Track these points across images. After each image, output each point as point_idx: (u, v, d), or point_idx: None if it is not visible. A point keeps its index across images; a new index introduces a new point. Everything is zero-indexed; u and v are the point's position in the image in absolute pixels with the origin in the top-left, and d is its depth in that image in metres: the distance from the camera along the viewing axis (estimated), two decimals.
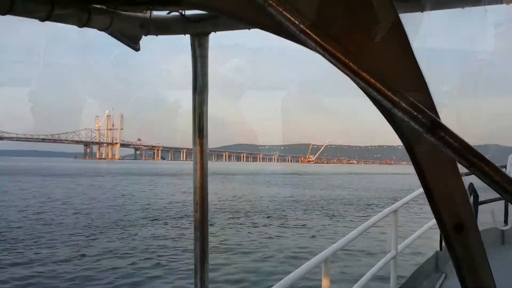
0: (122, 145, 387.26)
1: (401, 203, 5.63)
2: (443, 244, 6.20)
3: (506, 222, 7.45)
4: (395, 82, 1.18)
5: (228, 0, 1.38)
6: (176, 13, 2.25)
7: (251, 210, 32.65)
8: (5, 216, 27.23)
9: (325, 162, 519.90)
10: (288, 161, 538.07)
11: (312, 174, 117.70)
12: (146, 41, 2.40)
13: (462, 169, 1.23)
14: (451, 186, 1.35)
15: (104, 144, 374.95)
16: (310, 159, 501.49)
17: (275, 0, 1.16)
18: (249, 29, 1.96)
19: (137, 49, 2.46)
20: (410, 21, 1.30)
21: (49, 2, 1.62)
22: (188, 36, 2.49)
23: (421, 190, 6.99)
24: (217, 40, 2.49)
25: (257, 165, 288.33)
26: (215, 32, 2.39)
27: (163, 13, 2.26)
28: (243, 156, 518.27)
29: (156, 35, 2.32)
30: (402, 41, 1.26)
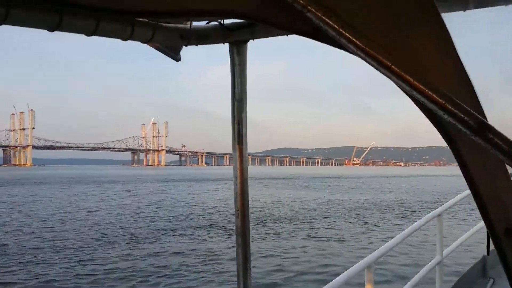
0: (168, 151, 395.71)
1: (445, 206, 5.40)
2: (491, 248, 5.52)
3: None
4: (440, 84, 1.14)
5: (265, 8, 1.38)
6: (215, 23, 2.29)
7: (283, 217, 31.42)
8: (23, 227, 27.06)
9: (371, 164, 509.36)
10: (331, 165, 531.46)
11: (356, 177, 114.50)
12: (189, 52, 2.49)
13: (510, 169, 1.21)
14: (500, 188, 1.31)
15: (150, 151, 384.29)
16: (355, 162, 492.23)
17: (313, 5, 1.16)
18: (287, 35, 1.96)
19: (178, 59, 2.52)
20: (453, 20, 1.25)
21: (95, 18, 1.70)
22: (226, 44, 2.52)
23: (466, 192, 5.77)
24: (256, 45, 2.48)
25: (299, 169, 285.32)
26: (253, 39, 2.41)
27: (202, 23, 2.29)
28: (286, 160, 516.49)
29: (196, 45, 2.35)
30: (445, 42, 1.22)
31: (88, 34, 1.76)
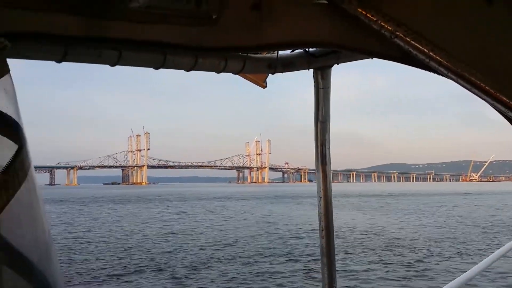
0: (271, 169, 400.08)
1: None
2: None
3: None
4: None
5: (351, 36, 1.42)
6: (300, 50, 2.36)
7: (378, 240, 27.62)
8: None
9: (491, 180, 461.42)
10: (446, 180, 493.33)
11: (477, 193, 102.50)
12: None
13: None
14: None
15: (254, 168, 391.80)
16: (472, 178, 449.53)
17: (402, 31, 1.20)
18: (372, 58, 1.97)
19: (264, 86, 2.69)
20: None
21: (194, 55, 1.85)
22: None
23: None
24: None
25: (406, 185, 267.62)
26: (337, 64, 2.46)
27: (287, 51, 2.38)
28: (394, 176, 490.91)
29: (282, 73, 2.45)
30: None
31: (187, 69, 1.92)
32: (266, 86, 2.65)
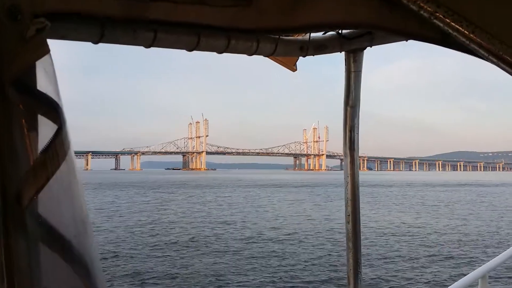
0: (328, 156, 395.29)
1: None
2: None
3: None
4: None
5: (389, 17, 1.40)
6: (333, 32, 2.32)
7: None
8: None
9: None
10: None
11: None
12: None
13: None
14: None
15: (311, 155, 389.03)
16: None
17: (442, 11, 1.16)
18: (406, 40, 1.92)
19: (294, 70, 2.67)
20: None
21: (227, 37, 1.88)
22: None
23: None
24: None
25: (474, 174, 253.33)
26: (371, 47, 2.41)
27: (319, 34, 2.33)
28: (460, 165, 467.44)
29: (313, 55, 2.40)
30: None
31: (220, 52, 1.94)
32: (296, 70, 2.60)
